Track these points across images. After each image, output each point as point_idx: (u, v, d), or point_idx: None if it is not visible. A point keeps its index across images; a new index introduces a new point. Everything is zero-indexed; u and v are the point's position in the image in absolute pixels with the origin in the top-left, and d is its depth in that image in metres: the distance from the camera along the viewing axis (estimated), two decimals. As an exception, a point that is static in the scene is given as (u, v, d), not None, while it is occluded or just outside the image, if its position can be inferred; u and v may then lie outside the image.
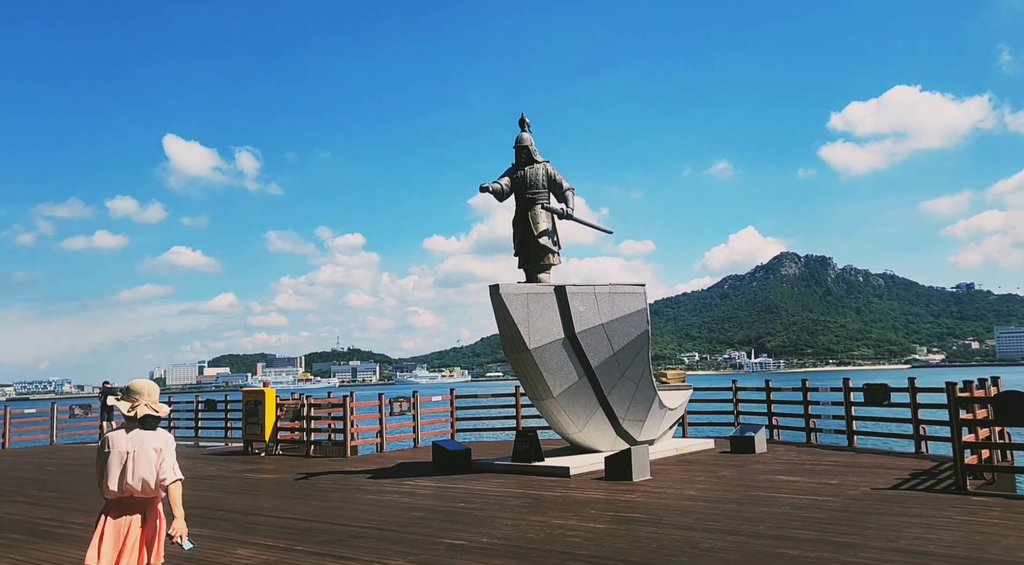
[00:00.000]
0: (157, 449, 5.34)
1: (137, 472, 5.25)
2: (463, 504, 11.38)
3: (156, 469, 5.30)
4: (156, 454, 5.34)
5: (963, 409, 11.48)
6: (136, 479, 5.25)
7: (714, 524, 9.18)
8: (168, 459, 5.38)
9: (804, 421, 18.04)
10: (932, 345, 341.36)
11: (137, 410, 5.40)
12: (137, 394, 5.46)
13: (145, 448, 5.31)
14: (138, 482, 5.26)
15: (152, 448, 5.33)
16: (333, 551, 8.55)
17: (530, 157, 15.73)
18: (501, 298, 14.34)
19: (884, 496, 10.76)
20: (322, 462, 17.88)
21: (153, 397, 5.52)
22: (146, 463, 5.28)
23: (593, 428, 15.30)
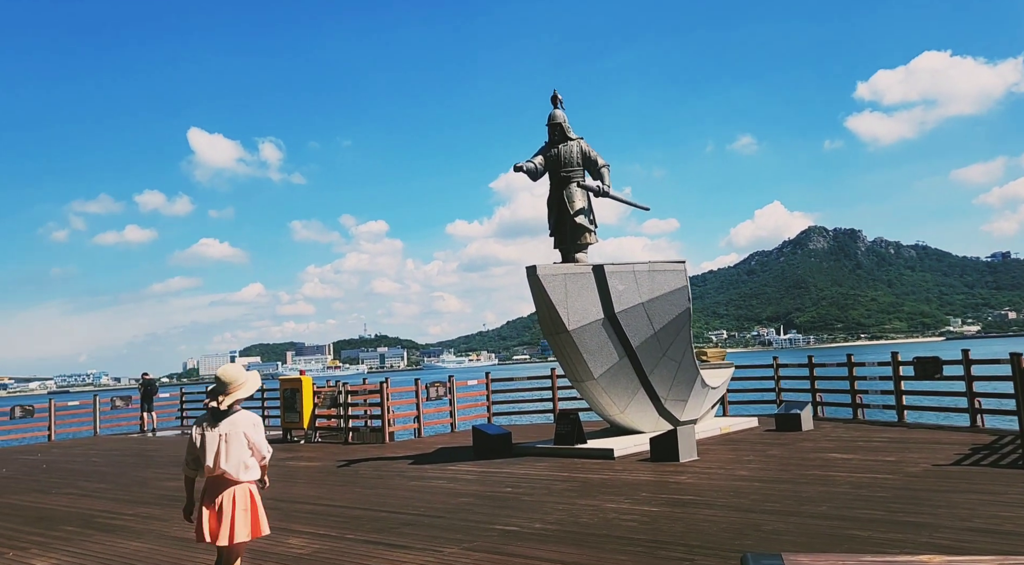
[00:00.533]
0: (247, 432, 5.76)
1: (231, 454, 5.65)
2: (509, 489, 11.22)
3: (249, 450, 5.74)
4: (246, 437, 5.74)
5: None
6: (230, 460, 5.65)
7: (772, 505, 8.91)
8: (259, 439, 5.84)
9: (850, 397, 17.64)
10: (967, 316, 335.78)
11: (225, 401, 5.75)
12: (228, 384, 5.78)
13: (237, 431, 5.71)
14: (232, 463, 5.65)
15: (243, 431, 5.74)
16: (385, 539, 8.42)
17: (563, 134, 15.40)
18: (538, 279, 14.09)
19: (947, 472, 10.41)
20: (361, 449, 17.84)
21: (238, 382, 5.80)
22: (239, 445, 5.68)
23: (635, 409, 15.05)
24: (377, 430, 19.37)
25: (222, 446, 5.64)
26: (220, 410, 5.74)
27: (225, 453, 5.63)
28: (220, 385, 5.78)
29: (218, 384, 5.79)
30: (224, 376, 5.79)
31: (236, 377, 5.80)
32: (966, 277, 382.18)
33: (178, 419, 29.55)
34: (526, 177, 15.20)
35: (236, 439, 5.68)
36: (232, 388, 5.77)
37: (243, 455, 5.70)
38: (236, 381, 5.79)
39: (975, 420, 14.86)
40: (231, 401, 5.76)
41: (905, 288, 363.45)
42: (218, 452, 5.63)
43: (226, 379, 5.77)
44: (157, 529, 9.84)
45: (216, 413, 5.75)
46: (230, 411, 5.77)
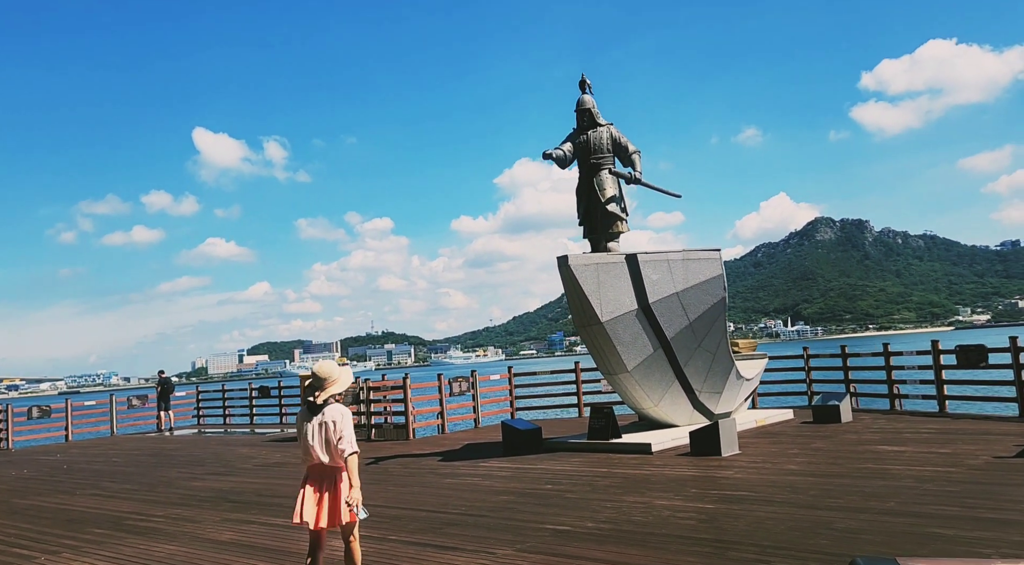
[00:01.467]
0: (334, 422, 5.97)
1: (321, 443, 5.97)
2: (549, 486, 10.81)
3: (335, 440, 5.95)
4: (333, 426, 5.96)
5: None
6: (320, 449, 5.97)
7: (835, 501, 8.47)
8: (345, 432, 5.99)
9: (888, 387, 17.16)
10: (976, 305, 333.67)
11: (321, 396, 6.02)
12: (324, 381, 6.03)
13: (326, 420, 5.98)
14: (322, 452, 5.96)
15: (331, 421, 5.98)
16: (432, 540, 8.02)
17: (593, 120, 14.96)
18: (570, 269, 13.66)
19: (1011, 465, 9.96)
20: (386, 446, 17.46)
21: (333, 377, 6.06)
22: (326, 435, 5.96)
23: (669, 402, 14.62)
24: (400, 426, 18.99)
25: (316, 437, 5.98)
26: (316, 404, 6.05)
27: (320, 443, 5.99)
28: (316, 381, 6.05)
29: (315, 380, 6.07)
30: (320, 372, 6.05)
31: (331, 373, 6.07)
32: (975, 266, 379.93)
33: (195, 417, 29.26)
34: (554, 165, 14.75)
35: (325, 428, 6.00)
36: (328, 383, 6.04)
37: (333, 442, 5.99)
38: (331, 376, 6.05)
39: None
40: (327, 396, 6.04)
41: (913, 278, 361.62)
42: (313, 443, 5.99)
43: (322, 375, 6.04)
44: (190, 531, 9.47)
45: (313, 407, 6.07)
46: (325, 404, 6.06)
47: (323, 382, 6.04)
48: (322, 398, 6.03)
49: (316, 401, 6.04)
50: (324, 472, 6.05)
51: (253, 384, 29.35)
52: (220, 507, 11.03)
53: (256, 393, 27.79)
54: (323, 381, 6.04)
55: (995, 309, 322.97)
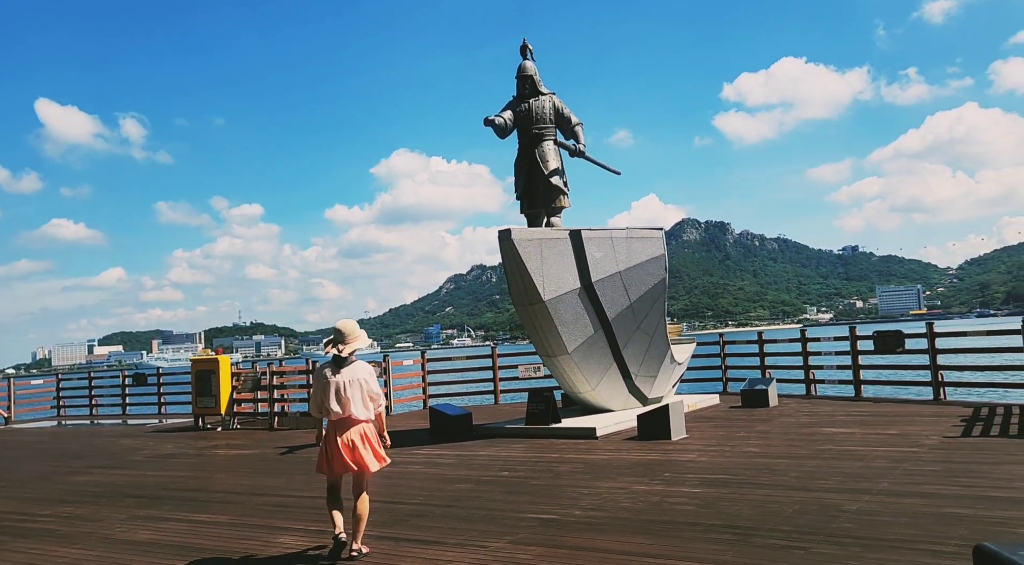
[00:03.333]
0: (365, 379, 6.40)
1: (352, 398, 6.29)
2: (506, 472, 9.97)
3: (367, 395, 6.36)
4: (365, 383, 6.38)
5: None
6: (352, 403, 6.29)
7: (824, 483, 8.11)
8: (376, 389, 6.47)
9: (804, 373, 17.39)
10: (821, 305, 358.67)
11: (345, 349, 6.38)
12: (347, 336, 6.41)
13: (356, 378, 6.36)
14: (353, 406, 6.29)
15: (362, 378, 6.38)
16: (404, 534, 7.02)
17: (535, 88, 14.20)
18: (512, 244, 12.85)
19: (969, 444, 10.01)
20: (293, 435, 16.04)
21: (355, 334, 6.46)
22: (358, 390, 6.33)
23: (606, 386, 14.10)
24: (307, 414, 17.54)
25: (344, 391, 6.29)
26: (342, 357, 6.38)
27: (348, 397, 6.28)
28: (339, 335, 6.42)
29: (337, 335, 6.44)
30: (343, 328, 6.44)
31: (353, 329, 6.48)
32: (821, 269, 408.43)
33: (53, 408, 26.39)
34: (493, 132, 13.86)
35: (356, 385, 6.33)
36: (350, 338, 6.42)
37: (364, 400, 6.35)
38: (354, 333, 6.46)
39: (939, 394, 14.83)
40: (351, 350, 6.41)
41: (768, 278, 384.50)
42: (341, 396, 6.28)
43: (345, 330, 6.44)
44: (93, 531, 8.01)
45: (339, 361, 6.39)
46: (349, 359, 6.41)
47: (345, 337, 6.42)
48: (347, 351, 6.38)
49: (341, 354, 6.37)
50: (350, 424, 6.34)
51: (127, 373, 26.78)
52: (122, 503, 9.51)
53: (130, 381, 25.31)
54: (345, 336, 6.42)
55: (836, 309, 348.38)
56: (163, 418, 22.73)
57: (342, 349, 6.40)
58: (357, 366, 6.42)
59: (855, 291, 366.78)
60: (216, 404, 18.21)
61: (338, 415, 6.27)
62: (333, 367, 6.38)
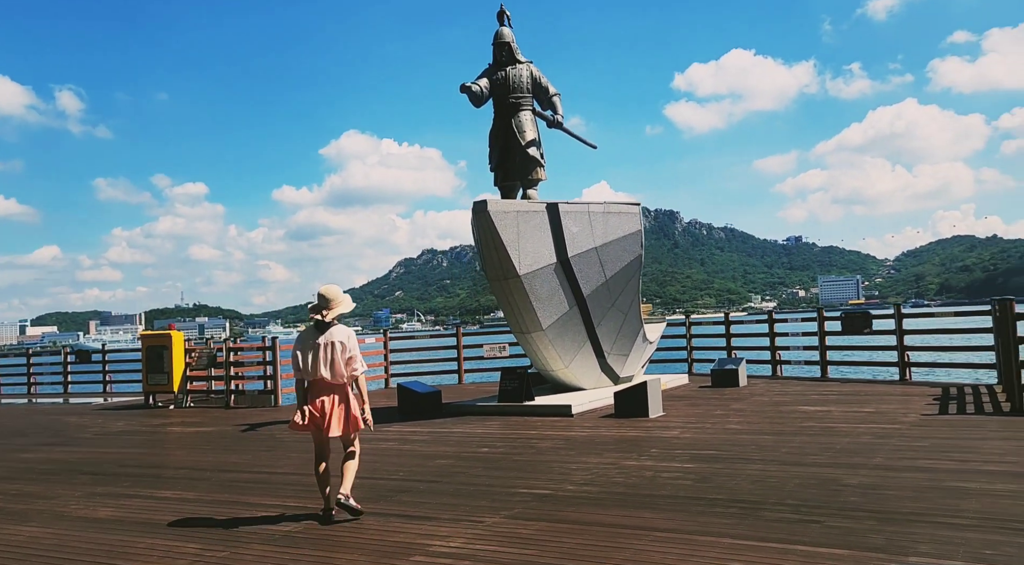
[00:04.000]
0: (343, 342, 6.38)
1: (328, 359, 6.33)
2: (486, 449, 9.63)
3: (344, 359, 6.36)
4: (343, 346, 6.36)
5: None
6: (328, 367, 6.32)
7: (816, 458, 7.97)
8: (356, 352, 6.45)
9: (771, 354, 17.43)
10: (765, 294, 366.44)
11: (329, 314, 6.42)
12: (330, 301, 6.43)
13: (333, 340, 6.36)
14: (330, 369, 6.32)
15: (339, 341, 6.38)
16: (393, 510, 6.63)
17: (512, 56, 13.76)
18: (488, 217, 12.45)
19: (949, 421, 10.03)
20: (250, 413, 15.44)
21: (339, 300, 6.47)
22: (333, 351, 6.33)
23: (579, 364, 13.84)
24: (264, 392, 16.95)
25: (321, 352, 6.33)
26: (324, 322, 6.42)
27: (325, 360, 6.33)
28: (323, 301, 6.45)
29: (320, 300, 6.45)
30: (327, 293, 6.47)
31: (337, 295, 6.50)
32: (766, 258, 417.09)
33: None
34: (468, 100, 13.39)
35: (333, 347, 6.35)
36: (333, 304, 6.45)
37: (338, 362, 6.34)
38: (337, 298, 6.48)
39: (905, 374, 14.97)
40: (334, 315, 6.45)
41: (715, 267, 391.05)
42: (319, 360, 6.33)
43: (329, 296, 6.46)
44: (48, 509, 7.44)
45: (320, 325, 6.43)
46: (331, 324, 6.45)
47: (329, 302, 6.43)
48: (331, 316, 6.42)
49: (324, 319, 6.40)
50: (327, 387, 6.38)
51: (68, 350, 25.63)
52: (76, 481, 8.90)
53: (73, 358, 24.23)
54: (329, 301, 6.43)
55: (780, 297, 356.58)
56: (109, 396, 21.77)
57: (325, 314, 6.45)
58: (337, 330, 6.47)
59: (798, 280, 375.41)
60: (168, 381, 17.45)
61: (315, 377, 6.37)
62: (314, 332, 6.46)
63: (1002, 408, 10.71)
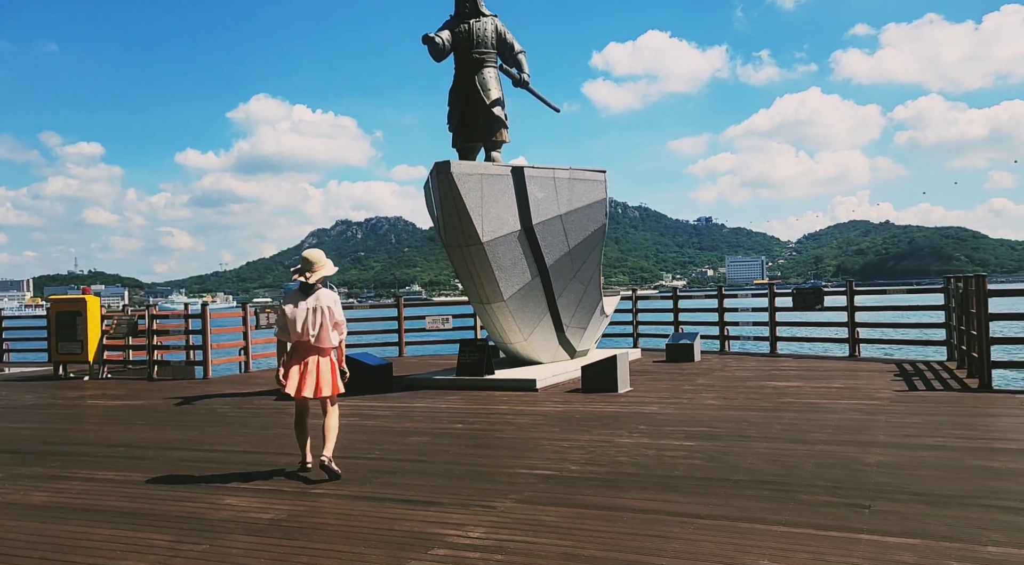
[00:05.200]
0: (329, 306, 6.49)
1: (316, 324, 6.41)
2: (460, 425, 8.97)
3: (332, 323, 6.49)
4: (329, 310, 6.47)
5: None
6: (315, 329, 6.41)
7: (819, 435, 7.66)
8: (340, 318, 6.57)
9: (719, 329, 17.32)
10: (676, 272, 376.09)
11: (312, 277, 6.48)
12: (313, 264, 6.52)
13: (321, 305, 6.45)
14: (316, 332, 6.41)
15: (326, 305, 6.47)
16: (384, 493, 5.91)
17: (476, 8, 12.93)
18: (451, 179, 11.66)
19: (930, 398, 9.96)
20: (181, 385, 14.27)
21: (322, 263, 6.57)
22: (321, 317, 6.43)
23: (538, 336, 13.29)
24: (192, 364, 15.74)
25: (309, 317, 6.41)
26: (309, 284, 6.50)
27: (312, 323, 6.41)
28: (306, 263, 6.54)
29: (304, 263, 6.55)
30: (311, 256, 6.57)
31: (319, 258, 6.62)
32: (677, 238, 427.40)
33: None
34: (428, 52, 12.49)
35: (321, 312, 6.45)
36: (317, 267, 6.55)
37: (326, 326, 6.46)
38: (320, 261, 6.59)
39: (854, 350, 15.07)
40: (318, 277, 6.53)
41: (629, 245, 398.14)
42: (306, 321, 6.40)
43: (312, 258, 6.57)
44: (-31, 497, 6.34)
45: (305, 287, 6.51)
46: (315, 287, 6.54)
47: (312, 265, 6.54)
48: (314, 278, 6.50)
49: (308, 281, 6.49)
50: (312, 349, 6.47)
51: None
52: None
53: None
54: (312, 264, 6.55)
55: (690, 276, 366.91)
56: (6, 367, 19.93)
57: (309, 277, 6.53)
58: (322, 293, 6.57)
59: (707, 260, 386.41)
60: (83, 350, 15.99)
61: (300, 339, 6.43)
62: (300, 294, 6.54)
63: (969, 385, 10.75)
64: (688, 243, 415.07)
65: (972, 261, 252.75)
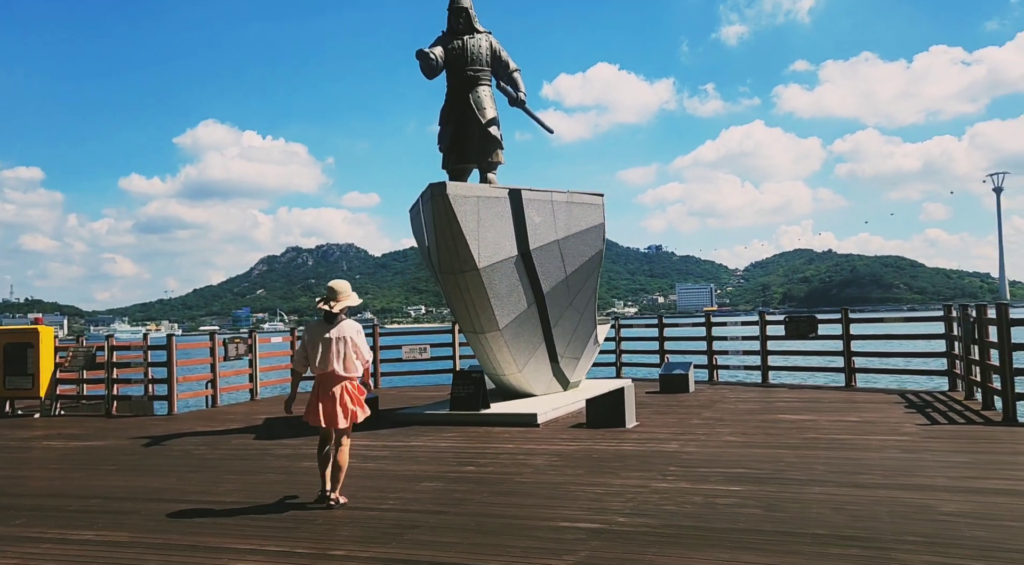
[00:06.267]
0: (352, 337, 6.57)
1: (340, 353, 6.50)
2: (472, 467, 8.18)
3: (354, 351, 6.55)
4: (352, 341, 6.55)
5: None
6: (340, 359, 6.49)
7: (870, 477, 7.09)
8: (363, 348, 6.63)
9: (707, 358, 16.83)
10: (628, 299, 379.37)
11: (337, 306, 6.57)
12: (338, 293, 6.61)
13: (344, 335, 6.54)
14: (341, 362, 6.50)
15: (349, 335, 6.56)
16: (414, 555, 5.11)
17: (470, 24, 12.35)
18: (447, 201, 10.98)
19: (953, 432, 9.50)
20: (143, 422, 13.17)
21: (347, 293, 6.64)
22: (345, 346, 6.52)
23: (533, 367, 12.60)
24: (157, 399, 14.61)
25: (333, 346, 6.45)
26: (332, 313, 6.54)
27: (338, 355, 6.45)
28: (331, 293, 6.60)
29: (330, 293, 6.60)
30: (336, 286, 6.62)
31: (345, 288, 6.64)
32: (629, 265, 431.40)
33: None
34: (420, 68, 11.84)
35: (344, 342, 6.49)
36: (342, 296, 6.59)
37: (349, 356, 6.49)
38: (345, 291, 6.62)
39: (850, 380, 14.69)
40: (342, 307, 6.56)
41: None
42: (331, 353, 6.45)
43: (338, 288, 6.61)
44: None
45: (329, 317, 6.57)
46: (339, 317, 6.58)
47: (337, 294, 6.59)
48: (338, 308, 6.55)
49: (332, 310, 6.53)
50: (336, 379, 6.49)
51: None
52: (-58, 519, 6.71)
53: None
54: (337, 294, 6.59)
55: (641, 303, 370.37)
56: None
57: (333, 306, 6.56)
58: (346, 324, 6.61)
59: (658, 287, 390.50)
60: (33, 385, 14.73)
61: (325, 371, 6.48)
62: (324, 324, 6.58)
63: (990, 419, 10.35)
64: (639, 270, 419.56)
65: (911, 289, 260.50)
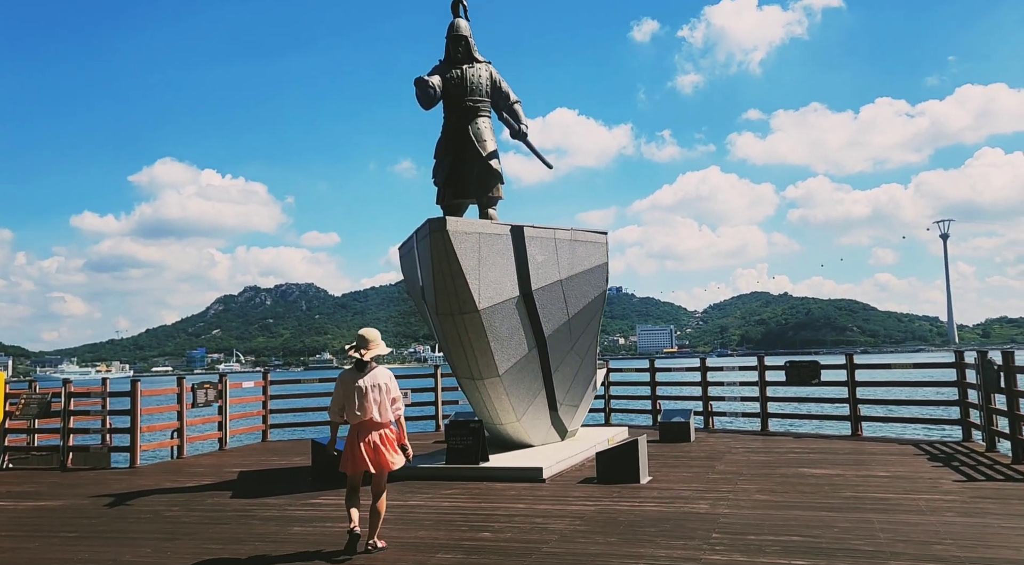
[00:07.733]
0: (386, 383, 6.69)
1: (375, 400, 6.61)
2: (487, 533, 7.28)
3: (388, 399, 6.67)
4: (386, 387, 6.67)
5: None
6: (373, 407, 6.60)
7: (942, 548, 6.39)
8: (396, 393, 6.78)
9: (703, 404, 16.16)
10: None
11: (368, 354, 6.68)
12: (369, 342, 6.73)
13: (378, 383, 6.66)
14: (375, 409, 6.60)
15: (383, 383, 6.68)
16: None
17: (469, 53, 11.73)
18: (447, 238, 10.22)
19: (997, 491, 8.87)
20: (101, 478, 11.99)
21: (377, 341, 6.78)
22: (379, 394, 6.64)
23: (532, 416, 11.78)
24: (116, 449, 13.40)
25: (369, 394, 6.60)
26: (364, 361, 6.68)
27: (374, 402, 6.61)
28: (362, 341, 6.75)
29: (360, 340, 6.76)
30: (367, 334, 6.80)
31: (376, 337, 6.82)
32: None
33: None
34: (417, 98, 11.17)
35: (378, 389, 6.63)
36: (373, 345, 6.76)
37: (385, 403, 6.65)
38: (376, 340, 6.79)
39: (856, 429, 14.10)
40: (372, 355, 6.72)
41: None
42: (368, 401, 6.60)
43: (369, 337, 6.78)
44: None
45: (360, 365, 6.69)
46: (370, 365, 6.71)
47: (368, 343, 6.73)
48: (369, 356, 6.68)
49: (363, 358, 6.66)
50: (372, 426, 6.62)
51: None
52: None
53: None
54: (368, 342, 6.73)
55: (602, 344, 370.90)
56: None
57: (364, 354, 6.66)
58: (379, 371, 6.71)
59: (619, 329, 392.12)
60: (-22, 435, 13.40)
61: (359, 418, 6.58)
62: (356, 372, 6.67)
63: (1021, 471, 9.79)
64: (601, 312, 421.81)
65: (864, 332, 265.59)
